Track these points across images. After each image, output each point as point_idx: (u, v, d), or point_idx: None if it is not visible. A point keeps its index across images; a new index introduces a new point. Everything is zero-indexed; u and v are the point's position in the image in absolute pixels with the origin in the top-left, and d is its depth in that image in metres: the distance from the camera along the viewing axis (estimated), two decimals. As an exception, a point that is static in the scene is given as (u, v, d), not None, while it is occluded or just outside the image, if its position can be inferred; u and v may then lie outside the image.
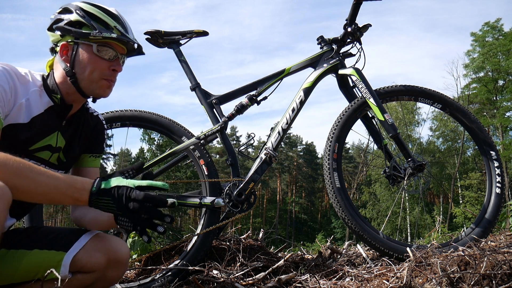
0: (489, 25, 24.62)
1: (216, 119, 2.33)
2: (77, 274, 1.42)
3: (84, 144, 1.64)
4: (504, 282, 1.50)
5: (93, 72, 1.44)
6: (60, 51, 1.46)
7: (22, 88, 1.38)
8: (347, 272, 2.02)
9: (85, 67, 1.44)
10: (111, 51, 1.47)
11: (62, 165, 1.57)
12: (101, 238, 1.50)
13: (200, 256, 2.11)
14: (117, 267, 1.50)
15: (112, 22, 1.48)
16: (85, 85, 1.45)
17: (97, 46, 1.43)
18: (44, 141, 1.45)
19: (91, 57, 1.44)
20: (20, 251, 1.41)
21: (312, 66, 2.48)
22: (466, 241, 2.18)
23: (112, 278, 1.51)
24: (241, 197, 2.18)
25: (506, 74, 24.04)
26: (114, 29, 1.47)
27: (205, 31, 2.45)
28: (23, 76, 1.41)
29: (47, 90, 1.45)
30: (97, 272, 1.44)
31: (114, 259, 1.47)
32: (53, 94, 1.45)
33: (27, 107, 1.38)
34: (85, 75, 1.44)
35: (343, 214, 2.22)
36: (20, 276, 1.39)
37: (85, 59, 1.44)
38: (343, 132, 2.34)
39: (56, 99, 1.45)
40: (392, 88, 2.46)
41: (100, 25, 1.45)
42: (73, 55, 1.44)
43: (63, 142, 1.53)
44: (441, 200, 31.57)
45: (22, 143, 1.38)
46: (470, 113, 2.51)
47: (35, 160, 1.44)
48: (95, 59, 1.44)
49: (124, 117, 2.27)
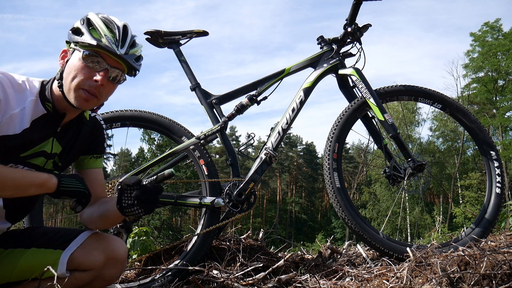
0: (489, 25, 24.60)
1: (216, 119, 2.33)
2: (74, 273, 1.42)
3: (83, 147, 1.61)
4: (504, 282, 1.50)
5: (73, 79, 1.37)
6: (59, 57, 1.45)
7: (17, 97, 1.35)
8: (347, 272, 2.02)
9: (69, 73, 1.38)
10: (100, 62, 1.38)
11: (57, 169, 1.54)
12: (98, 237, 1.51)
13: (200, 256, 2.11)
14: (115, 266, 1.50)
15: (105, 31, 1.41)
16: (66, 93, 1.39)
17: (84, 54, 1.37)
18: (38, 147, 1.42)
19: (77, 64, 1.37)
20: (18, 250, 1.41)
21: (312, 66, 2.48)
22: (466, 241, 2.18)
23: (110, 277, 1.51)
24: (241, 197, 2.18)
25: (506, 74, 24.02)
26: (102, 37, 1.39)
27: (205, 31, 2.45)
28: (20, 84, 1.38)
29: (41, 98, 1.42)
30: (95, 270, 1.45)
31: (112, 257, 1.48)
32: (46, 102, 1.42)
33: (21, 116, 1.35)
34: (67, 81, 1.38)
35: (343, 214, 2.22)
36: (18, 275, 1.39)
37: (72, 65, 1.38)
38: (343, 132, 2.34)
39: (49, 107, 1.42)
40: (392, 88, 2.46)
41: (93, 33, 1.40)
42: (67, 60, 1.41)
43: (59, 148, 1.50)
44: (441, 200, 31.57)
45: (14, 150, 1.36)
46: (470, 113, 2.51)
47: (29, 166, 1.42)
48: (80, 66, 1.37)
49: (124, 117, 2.27)
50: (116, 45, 1.40)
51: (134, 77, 1.53)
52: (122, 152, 32.07)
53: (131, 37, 1.49)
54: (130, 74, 1.50)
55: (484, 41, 24.53)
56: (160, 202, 1.43)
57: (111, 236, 1.59)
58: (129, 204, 1.40)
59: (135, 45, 1.49)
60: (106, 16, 1.47)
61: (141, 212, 1.40)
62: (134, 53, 1.47)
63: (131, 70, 1.49)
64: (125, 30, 1.46)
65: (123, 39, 1.44)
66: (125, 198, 1.41)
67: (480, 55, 24.50)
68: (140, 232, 2.57)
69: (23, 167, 1.40)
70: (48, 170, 1.48)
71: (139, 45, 1.52)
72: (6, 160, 1.34)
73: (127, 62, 1.43)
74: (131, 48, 1.46)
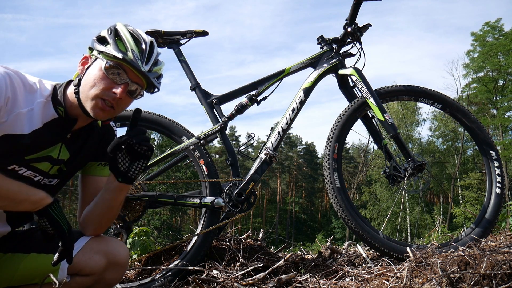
0: (490, 25, 24.60)
1: (216, 119, 2.33)
2: (75, 277, 1.41)
3: (92, 153, 1.56)
4: (504, 282, 1.50)
5: (92, 87, 1.35)
6: (80, 62, 1.43)
7: (27, 98, 1.32)
8: (347, 272, 2.02)
9: (88, 81, 1.36)
10: (122, 74, 1.37)
11: (62, 175, 1.50)
12: (99, 240, 1.48)
13: (200, 256, 2.11)
14: (116, 270, 1.48)
15: (132, 45, 1.39)
16: (83, 100, 1.37)
17: (106, 64, 1.35)
18: (44, 152, 1.38)
19: (98, 73, 1.36)
20: (17, 255, 1.40)
21: (312, 66, 2.48)
22: (466, 241, 2.18)
23: (111, 281, 1.49)
24: (241, 197, 2.18)
25: (506, 74, 24.02)
26: (128, 51, 1.37)
27: (205, 31, 2.45)
28: (31, 85, 1.35)
29: (54, 101, 1.39)
30: (96, 274, 1.43)
31: (113, 261, 1.46)
32: (58, 106, 1.39)
33: (29, 117, 1.32)
34: (85, 89, 1.36)
35: (343, 214, 2.22)
36: (18, 280, 1.38)
37: (92, 73, 1.37)
38: (343, 132, 2.34)
39: (61, 112, 1.39)
40: (392, 88, 2.46)
41: (119, 45, 1.38)
42: (87, 67, 1.39)
43: (67, 155, 1.46)
44: (441, 200, 31.56)
45: (18, 152, 1.33)
46: (470, 113, 2.51)
47: (32, 170, 1.38)
48: (101, 76, 1.35)
49: (124, 117, 2.27)
50: (141, 61, 1.38)
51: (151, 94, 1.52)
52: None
53: (157, 54, 1.47)
54: (148, 91, 1.48)
55: (485, 41, 24.53)
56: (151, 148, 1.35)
57: (112, 239, 1.56)
58: (128, 164, 1.35)
59: (158, 63, 1.48)
60: (134, 29, 1.45)
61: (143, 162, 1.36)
62: (157, 71, 1.45)
63: (151, 87, 1.47)
64: (151, 47, 1.45)
65: (149, 56, 1.43)
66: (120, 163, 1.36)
67: (481, 55, 24.50)
68: (140, 232, 2.58)
69: (27, 171, 1.37)
70: (53, 176, 1.46)
71: (162, 63, 1.50)
72: (8, 162, 1.31)
73: (149, 79, 1.41)
74: (155, 66, 1.45)
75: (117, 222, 2.11)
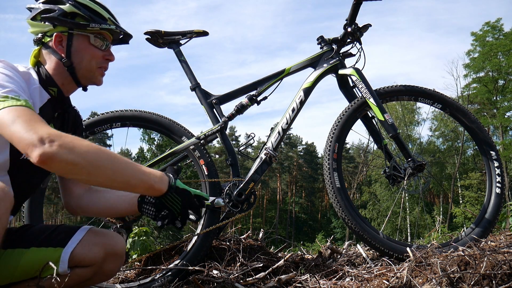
0: (490, 25, 24.61)
1: (216, 119, 2.33)
2: (75, 269, 1.42)
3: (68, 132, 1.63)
4: (504, 282, 1.50)
5: (90, 61, 1.50)
6: (54, 42, 1.47)
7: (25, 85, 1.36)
8: (347, 272, 2.02)
9: (83, 57, 1.48)
10: (104, 41, 1.53)
11: None
12: (97, 232, 1.52)
13: (200, 256, 2.11)
14: (114, 260, 1.51)
15: (106, 13, 1.54)
16: (83, 74, 1.50)
17: (94, 37, 1.50)
18: None
19: (88, 47, 1.49)
20: (17, 250, 1.40)
21: (312, 66, 2.48)
22: (466, 241, 2.18)
23: (110, 271, 1.53)
24: (241, 197, 2.18)
25: (506, 74, 24.03)
26: (108, 20, 1.54)
27: (205, 31, 2.44)
28: (24, 73, 1.40)
29: (43, 84, 1.45)
30: (95, 265, 1.45)
31: (111, 252, 1.49)
32: (50, 87, 1.46)
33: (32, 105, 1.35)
34: (83, 64, 1.49)
35: (343, 214, 2.22)
36: (19, 275, 1.39)
37: (82, 49, 1.48)
38: (343, 132, 2.34)
39: (53, 92, 1.47)
40: (392, 88, 2.46)
41: (96, 17, 1.50)
42: (68, 45, 1.46)
43: None
44: (441, 200, 31.56)
45: None
46: (470, 113, 2.50)
47: None
48: (91, 49, 1.50)
49: (124, 117, 2.27)
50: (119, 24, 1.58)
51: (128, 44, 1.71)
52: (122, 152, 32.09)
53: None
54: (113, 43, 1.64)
55: (485, 41, 24.54)
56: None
57: (108, 231, 1.59)
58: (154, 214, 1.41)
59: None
60: None
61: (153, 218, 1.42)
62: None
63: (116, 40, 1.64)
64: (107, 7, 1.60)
65: (114, 16, 1.60)
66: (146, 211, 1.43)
67: (481, 55, 24.52)
68: (140, 232, 2.58)
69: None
70: None
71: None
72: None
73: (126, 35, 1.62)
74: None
75: (117, 222, 2.11)
